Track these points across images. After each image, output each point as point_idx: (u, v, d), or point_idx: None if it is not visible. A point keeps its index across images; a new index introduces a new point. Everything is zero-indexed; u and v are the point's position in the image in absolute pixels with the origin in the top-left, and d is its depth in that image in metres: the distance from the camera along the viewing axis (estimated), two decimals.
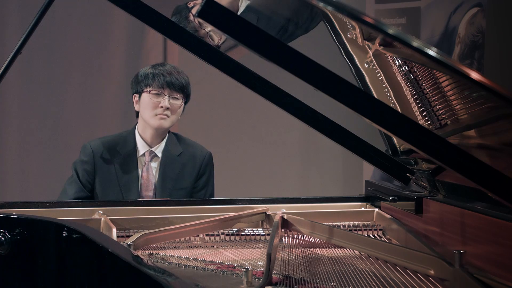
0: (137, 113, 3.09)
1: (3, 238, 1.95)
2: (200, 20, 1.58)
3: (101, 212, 2.43)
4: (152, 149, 3.06)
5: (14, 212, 2.30)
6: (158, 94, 3.00)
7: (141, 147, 3.06)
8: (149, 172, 3.05)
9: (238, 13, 3.07)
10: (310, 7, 2.99)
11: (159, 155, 3.06)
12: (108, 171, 3.02)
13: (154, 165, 3.06)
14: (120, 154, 3.05)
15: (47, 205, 2.45)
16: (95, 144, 3.06)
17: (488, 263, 1.76)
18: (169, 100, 3.00)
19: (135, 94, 3.06)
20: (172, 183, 3.03)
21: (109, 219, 2.33)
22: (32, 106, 4.86)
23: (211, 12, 1.56)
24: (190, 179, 3.08)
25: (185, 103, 3.08)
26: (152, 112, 3.01)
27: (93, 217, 2.39)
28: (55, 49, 4.84)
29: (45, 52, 4.78)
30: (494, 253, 1.75)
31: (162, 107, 2.98)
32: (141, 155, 3.05)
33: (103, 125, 4.87)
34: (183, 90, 3.03)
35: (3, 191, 4.80)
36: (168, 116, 3.01)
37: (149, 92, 3.00)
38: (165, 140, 3.08)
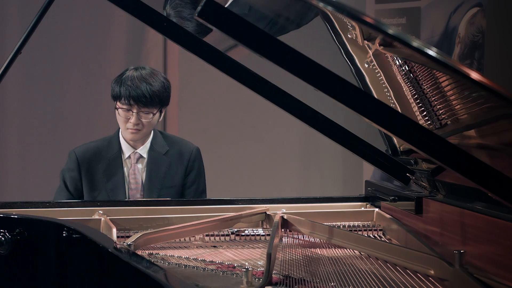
0: None
1: (3, 238, 1.95)
2: (200, 20, 1.58)
3: (101, 212, 2.43)
4: (137, 150, 3.02)
5: (14, 212, 2.30)
6: (127, 110, 2.93)
7: (126, 149, 3.02)
8: (136, 173, 3.02)
9: (227, 4, 3.03)
10: (301, 3, 2.97)
11: (145, 155, 3.02)
12: (94, 176, 2.99)
13: (141, 166, 3.03)
14: (105, 158, 3.01)
15: (47, 205, 2.45)
16: (80, 150, 3.03)
17: (488, 263, 1.76)
18: (138, 115, 2.93)
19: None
20: (160, 182, 3.00)
21: (109, 219, 2.33)
22: (32, 106, 4.86)
23: (211, 12, 1.56)
24: (179, 176, 3.04)
25: (165, 106, 2.99)
26: (123, 125, 2.97)
27: (93, 217, 2.39)
28: (55, 49, 4.84)
29: (45, 52, 4.78)
30: (494, 253, 1.75)
31: (131, 122, 2.93)
32: (127, 158, 3.02)
33: (103, 125, 4.86)
34: (153, 103, 2.91)
35: (3, 191, 4.80)
36: (139, 130, 2.95)
37: (117, 109, 2.95)
38: (150, 139, 3.03)
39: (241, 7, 2.90)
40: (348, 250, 2.19)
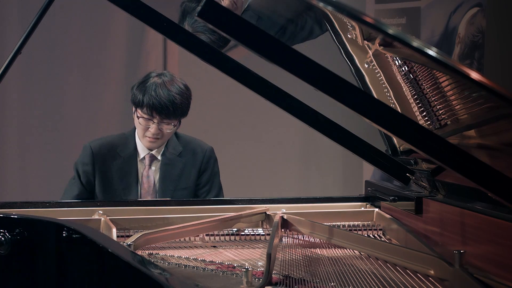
0: None
1: (3, 238, 1.94)
2: (200, 20, 1.58)
3: (101, 212, 2.43)
4: (153, 152, 3.02)
5: (14, 212, 2.30)
6: (147, 119, 2.92)
7: (141, 150, 3.01)
8: (150, 175, 3.01)
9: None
10: (315, 11, 2.97)
11: (159, 157, 3.02)
12: (107, 173, 2.98)
13: (154, 168, 3.02)
14: (120, 156, 3.00)
15: (47, 205, 2.45)
16: (96, 145, 3.02)
17: (488, 263, 1.76)
18: (158, 125, 2.92)
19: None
20: (174, 184, 2.99)
21: (109, 219, 2.33)
22: (32, 106, 4.86)
23: (211, 12, 1.56)
24: (192, 177, 3.04)
25: (185, 116, 3.00)
26: (142, 132, 2.96)
27: (93, 217, 2.39)
28: (55, 49, 4.84)
29: (45, 52, 4.78)
30: (494, 253, 1.75)
31: (151, 131, 2.93)
32: (141, 158, 3.02)
33: (103, 125, 4.87)
34: (175, 115, 2.93)
35: (3, 191, 4.80)
36: (157, 139, 2.96)
37: (138, 117, 2.94)
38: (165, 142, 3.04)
39: (250, 17, 2.90)
40: (348, 250, 2.19)
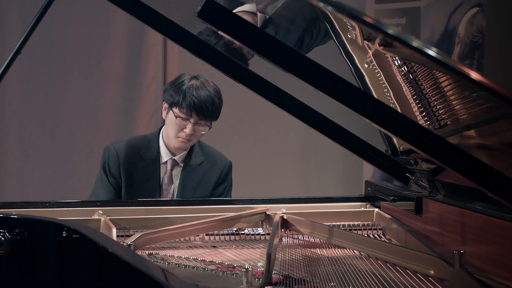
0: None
1: (3, 238, 1.94)
2: (200, 20, 1.58)
3: (101, 212, 2.43)
4: (175, 157, 3.02)
5: (14, 212, 2.30)
6: (184, 119, 2.93)
7: (164, 154, 3.02)
8: (170, 180, 3.02)
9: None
10: (324, 18, 2.98)
11: (181, 164, 3.03)
12: (132, 176, 2.99)
13: (175, 173, 3.03)
14: (143, 159, 3.01)
15: (47, 205, 2.45)
16: (119, 146, 3.02)
17: (488, 263, 1.76)
18: (194, 126, 2.93)
19: (164, 102, 2.99)
20: (192, 192, 3.01)
21: (109, 219, 2.33)
22: (32, 106, 4.86)
23: (211, 12, 1.56)
24: (209, 188, 3.05)
25: (217, 118, 3.01)
26: (175, 132, 2.96)
27: (93, 217, 2.39)
28: (55, 49, 4.84)
29: (45, 52, 4.78)
30: (494, 253, 1.75)
31: (185, 132, 2.94)
32: (164, 162, 3.02)
33: (103, 125, 4.87)
34: (212, 116, 2.96)
35: (3, 191, 4.80)
36: (190, 140, 2.97)
37: (176, 117, 2.94)
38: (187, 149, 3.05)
39: (268, 30, 2.91)
40: (348, 250, 2.19)
